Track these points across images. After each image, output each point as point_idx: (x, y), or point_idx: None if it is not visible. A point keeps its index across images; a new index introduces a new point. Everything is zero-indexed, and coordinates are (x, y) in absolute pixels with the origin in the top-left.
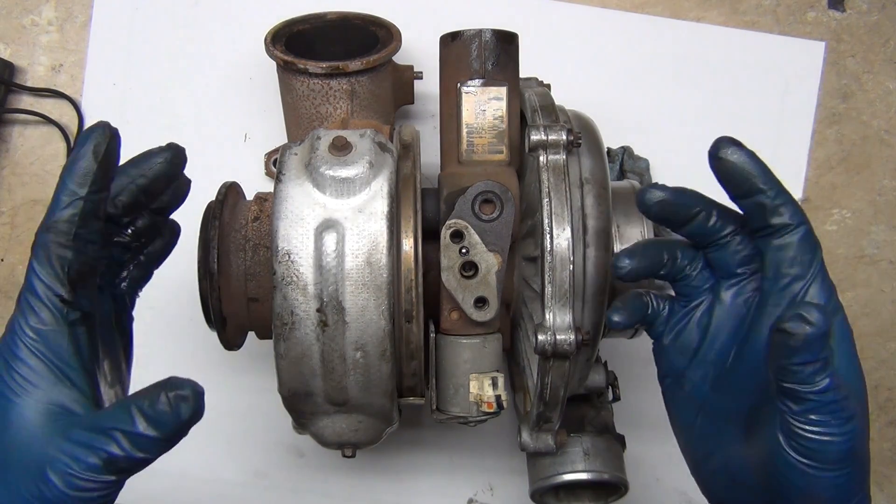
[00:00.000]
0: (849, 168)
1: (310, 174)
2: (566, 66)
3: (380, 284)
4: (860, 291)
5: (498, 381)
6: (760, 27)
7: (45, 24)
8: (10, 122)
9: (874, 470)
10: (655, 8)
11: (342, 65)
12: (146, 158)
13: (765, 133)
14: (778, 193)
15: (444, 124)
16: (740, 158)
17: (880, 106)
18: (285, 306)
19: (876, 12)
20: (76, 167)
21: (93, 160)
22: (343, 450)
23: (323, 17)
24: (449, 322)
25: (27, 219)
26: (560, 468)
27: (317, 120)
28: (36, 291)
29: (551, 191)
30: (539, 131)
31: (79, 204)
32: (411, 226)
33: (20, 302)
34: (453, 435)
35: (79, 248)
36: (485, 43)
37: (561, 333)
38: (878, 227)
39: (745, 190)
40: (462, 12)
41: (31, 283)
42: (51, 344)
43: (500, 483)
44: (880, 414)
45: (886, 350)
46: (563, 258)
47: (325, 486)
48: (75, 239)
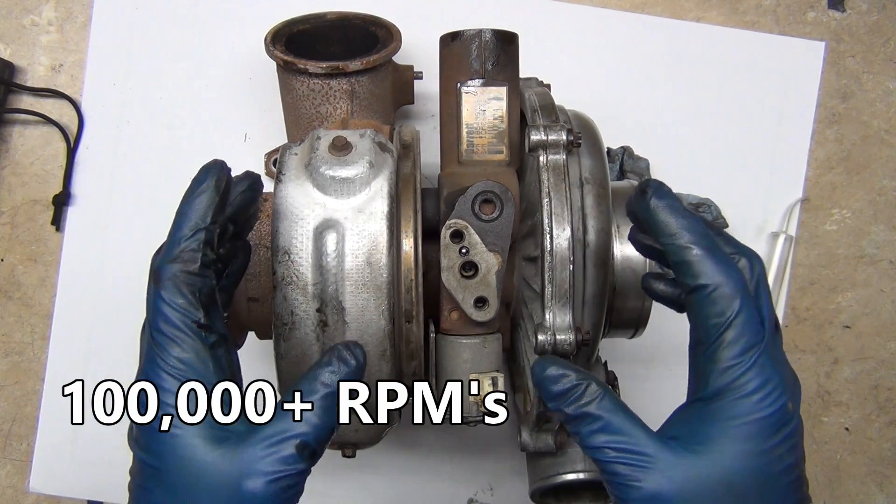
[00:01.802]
0: (849, 168)
1: (310, 174)
2: (566, 66)
3: (380, 284)
4: (860, 291)
5: (498, 381)
6: (760, 27)
7: (45, 24)
8: (10, 122)
9: (874, 470)
10: (655, 8)
11: (342, 65)
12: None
13: (765, 133)
14: (695, 244)
15: (444, 124)
16: (658, 204)
17: (880, 106)
18: (285, 306)
19: (876, 12)
20: (199, 200)
21: (215, 194)
22: (343, 450)
23: (323, 17)
24: (449, 322)
25: (27, 219)
26: (560, 468)
27: (317, 120)
28: (172, 321)
29: (551, 191)
30: (539, 131)
31: (201, 234)
32: (411, 226)
33: (154, 337)
34: (453, 435)
35: (205, 275)
36: (485, 43)
37: (561, 333)
38: (878, 227)
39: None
40: (462, 12)
41: (165, 314)
42: (197, 370)
43: (500, 483)
44: (880, 414)
45: (886, 350)
46: (563, 258)
47: (325, 486)
48: (201, 266)
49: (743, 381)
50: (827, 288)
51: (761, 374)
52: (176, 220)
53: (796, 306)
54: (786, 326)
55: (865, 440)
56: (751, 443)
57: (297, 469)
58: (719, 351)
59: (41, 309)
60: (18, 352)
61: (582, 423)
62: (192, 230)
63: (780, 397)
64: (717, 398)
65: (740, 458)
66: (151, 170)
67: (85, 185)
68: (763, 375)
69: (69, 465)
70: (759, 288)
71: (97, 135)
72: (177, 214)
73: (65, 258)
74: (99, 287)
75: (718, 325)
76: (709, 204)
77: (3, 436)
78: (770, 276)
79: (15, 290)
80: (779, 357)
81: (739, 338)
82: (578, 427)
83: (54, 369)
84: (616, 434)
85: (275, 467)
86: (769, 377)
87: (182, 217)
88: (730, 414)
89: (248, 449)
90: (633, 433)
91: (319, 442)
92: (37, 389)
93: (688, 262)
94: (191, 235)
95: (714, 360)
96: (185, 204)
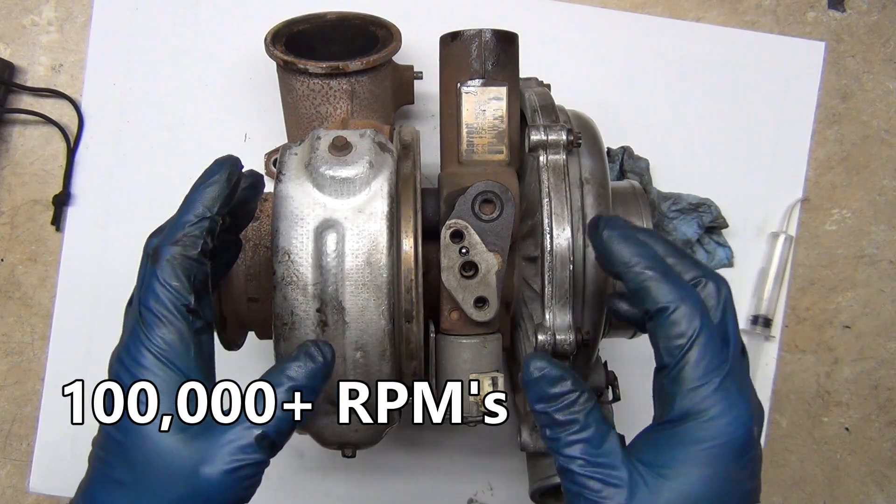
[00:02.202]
0: (849, 168)
1: (310, 174)
2: (566, 66)
3: (380, 284)
4: (860, 291)
5: (498, 381)
6: (760, 27)
7: (45, 24)
8: (10, 122)
9: (874, 470)
10: (655, 8)
11: (342, 65)
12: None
13: (765, 133)
14: (650, 270)
15: (444, 124)
16: (611, 235)
17: (880, 106)
18: (285, 306)
19: (876, 12)
20: (210, 190)
21: (226, 186)
22: (343, 450)
23: (323, 17)
24: (449, 322)
25: (27, 219)
26: None
27: (317, 120)
28: (163, 301)
29: (551, 191)
30: (539, 131)
31: (206, 223)
32: (411, 226)
33: (142, 314)
34: (453, 435)
35: (202, 262)
36: (485, 43)
37: (561, 333)
38: (878, 227)
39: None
40: (462, 12)
41: (157, 293)
42: (179, 352)
43: (500, 483)
44: (880, 414)
45: (886, 350)
46: (563, 258)
47: (325, 486)
48: (200, 252)
49: (708, 403)
50: (827, 288)
51: (727, 398)
52: (183, 206)
53: (796, 306)
54: (786, 326)
55: (865, 440)
56: (715, 467)
57: (255, 459)
58: (683, 372)
59: (41, 309)
60: (18, 352)
61: (566, 429)
62: (198, 217)
63: (746, 422)
64: (682, 421)
65: (704, 482)
66: (151, 170)
67: (85, 185)
68: (728, 399)
69: (69, 465)
70: (725, 311)
71: (97, 135)
72: (185, 200)
73: (65, 258)
74: (99, 287)
75: (681, 346)
76: (709, 204)
77: (3, 436)
78: (770, 276)
79: (15, 290)
80: (745, 381)
81: (702, 358)
82: (559, 433)
83: (54, 369)
84: (596, 448)
85: (233, 456)
86: (734, 401)
87: (189, 204)
88: (695, 437)
89: (210, 436)
90: (611, 451)
91: (280, 434)
92: (37, 389)
93: (645, 287)
94: (196, 222)
95: (678, 381)
96: (195, 191)
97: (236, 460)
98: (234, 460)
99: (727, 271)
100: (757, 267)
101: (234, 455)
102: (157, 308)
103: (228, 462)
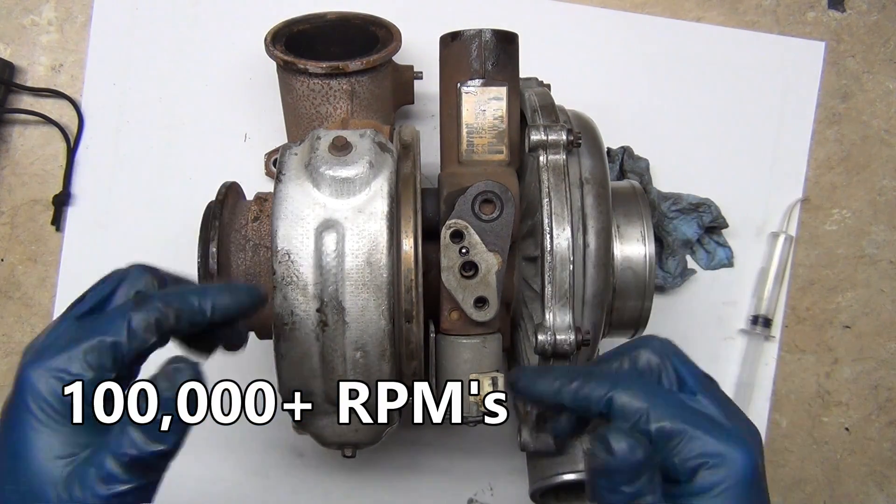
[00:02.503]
0: (849, 168)
1: (310, 174)
2: (566, 66)
3: (380, 284)
4: (860, 291)
5: (498, 381)
6: (760, 27)
7: (45, 24)
8: (10, 122)
9: (874, 470)
10: (655, 8)
11: (342, 65)
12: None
13: (765, 133)
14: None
15: (444, 124)
16: (526, 384)
17: (880, 106)
18: (285, 306)
19: (876, 12)
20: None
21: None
22: (343, 450)
23: (323, 17)
24: (449, 322)
25: (27, 219)
26: (560, 468)
27: (317, 120)
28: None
29: (551, 191)
30: (539, 131)
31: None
32: (411, 226)
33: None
34: (453, 435)
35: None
36: (485, 43)
37: (561, 333)
38: (878, 227)
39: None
40: (462, 12)
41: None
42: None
43: (500, 483)
44: (880, 414)
45: (886, 350)
46: (563, 258)
47: (325, 486)
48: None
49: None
50: (827, 288)
51: (727, 439)
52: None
53: (796, 306)
54: (786, 326)
55: (865, 440)
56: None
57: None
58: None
59: (41, 309)
60: (18, 352)
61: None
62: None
63: (751, 455)
64: (692, 478)
65: None
66: (151, 170)
67: (85, 185)
68: (727, 440)
69: None
70: (671, 362)
71: (97, 135)
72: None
73: (65, 258)
74: None
75: (665, 437)
76: (709, 204)
77: None
78: (770, 276)
79: (15, 290)
80: (731, 413)
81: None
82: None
83: None
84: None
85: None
86: (733, 440)
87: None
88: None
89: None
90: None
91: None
92: None
93: (581, 398)
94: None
95: (674, 455)
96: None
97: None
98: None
99: (727, 271)
100: (757, 267)
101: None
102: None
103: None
